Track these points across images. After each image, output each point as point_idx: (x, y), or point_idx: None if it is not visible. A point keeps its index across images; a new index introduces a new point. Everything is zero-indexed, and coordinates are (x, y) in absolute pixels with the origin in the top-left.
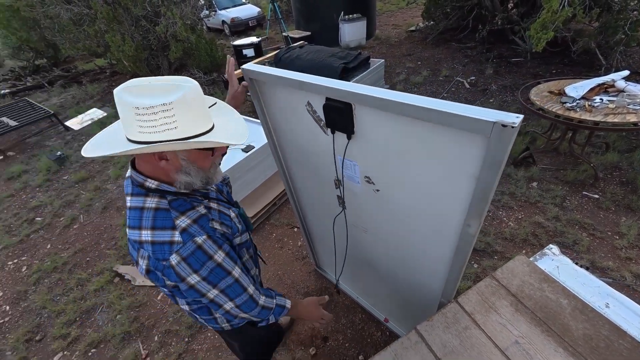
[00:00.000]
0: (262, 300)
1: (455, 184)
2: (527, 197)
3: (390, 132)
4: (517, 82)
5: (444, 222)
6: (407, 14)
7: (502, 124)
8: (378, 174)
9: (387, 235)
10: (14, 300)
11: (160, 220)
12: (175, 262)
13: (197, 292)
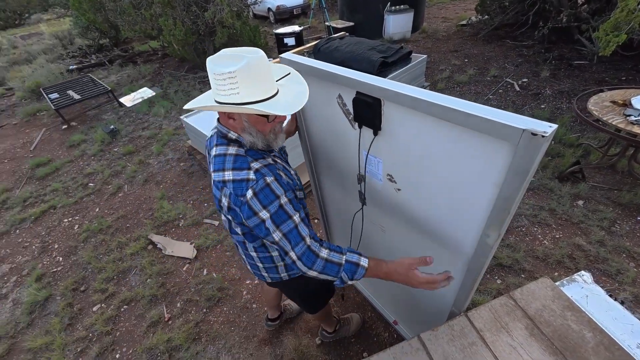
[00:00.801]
0: (325, 253)
1: (476, 191)
2: (569, 216)
3: (416, 132)
4: (577, 87)
5: (462, 230)
6: (459, 6)
7: (532, 132)
8: (400, 173)
9: (403, 237)
10: (66, 253)
11: (239, 163)
12: (249, 196)
13: (265, 230)
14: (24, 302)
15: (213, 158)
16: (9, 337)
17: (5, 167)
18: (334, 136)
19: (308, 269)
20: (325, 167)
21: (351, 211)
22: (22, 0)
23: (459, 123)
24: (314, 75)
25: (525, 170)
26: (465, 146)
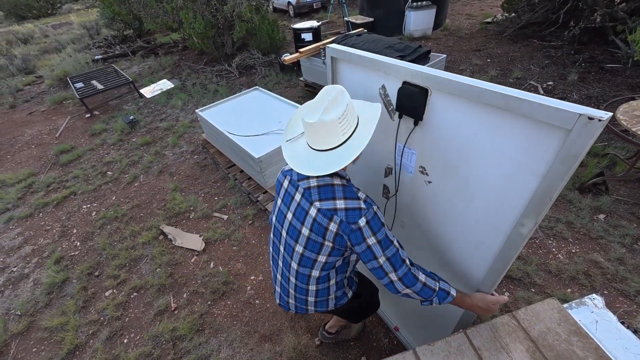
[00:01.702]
0: (423, 278)
1: (516, 181)
2: (587, 230)
3: (459, 122)
4: (607, 93)
5: (492, 223)
6: (485, 2)
7: (589, 117)
8: (435, 164)
9: (423, 234)
10: (83, 238)
11: (349, 193)
12: (362, 224)
13: (371, 254)
14: (44, 283)
15: (316, 189)
16: (28, 315)
17: (32, 152)
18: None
19: (406, 287)
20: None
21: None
22: None
23: (510, 109)
24: (360, 64)
25: (575, 154)
26: (509, 135)
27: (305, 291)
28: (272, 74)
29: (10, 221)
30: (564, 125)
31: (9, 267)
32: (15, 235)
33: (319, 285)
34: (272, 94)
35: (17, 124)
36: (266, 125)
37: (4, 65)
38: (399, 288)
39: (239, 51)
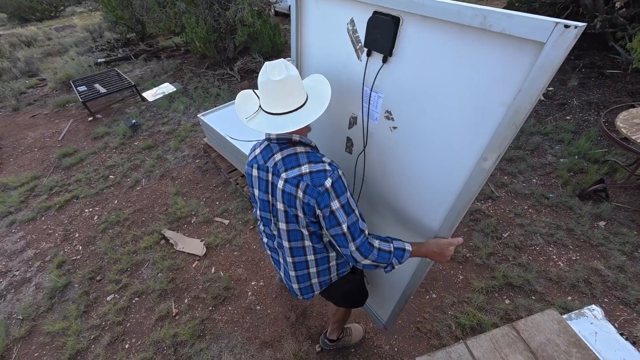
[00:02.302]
0: (377, 244)
1: (485, 113)
2: (588, 237)
3: (432, 53)
4: (607, 99)
5: (456, 161)
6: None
7: (565, 25)
8: (402, 107)
9: (385, 188)
10: (85, 242)
11: (313, 157)
12: (329, 184)
13: (335, 219)
14: (46, 287)
15: (282, 161)
16: (30, 320)
17: (35, 155)
18: (334, 71)
19: (364, 258)
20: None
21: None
22: None
23: (486, 26)
24: None
25: (547, 71)
26: (485, 59)
27: (305, 263)
28: None
29: (13, 225)
30: (540, 38)
31: (11, 271)
32: (17, 239)
33: (317, 255)
34: None
35: (20, 126)
36: None
37: (7, 68)
38: (358, 258)
39: (240, 55)
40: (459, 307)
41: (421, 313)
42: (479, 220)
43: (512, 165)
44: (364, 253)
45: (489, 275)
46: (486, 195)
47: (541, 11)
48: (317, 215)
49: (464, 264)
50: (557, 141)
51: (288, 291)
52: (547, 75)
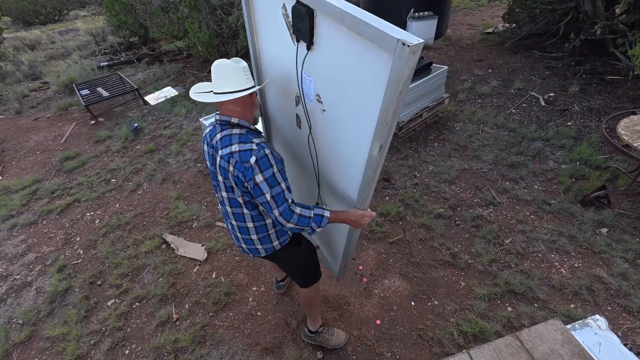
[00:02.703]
0: (298, 210)
1: (369, 105)
2: (590, 244)
3: (338, 45)
4: (609, 105)
5: (358, 147)
6: (486, 13)
7: (403, 42)
8: (326, 92)
9: (327, 160)
10: (86, 246)
11: (244, 138)
12: (253, 161)
13: (259, 189)
14: (46, 292)
15: (219, 140)
16: (30, 324)
17: (37, 158)
18: (278, 52)
19: (287, 222)
20: (272, 87)
21: (288, 134)
22: None
23: (360, 32)
24: None
25: (396, 80)
26: (364, 59)
27: (246, 229)
28: None
29: (14, 228)
30: (390, 50)
31: (12, 274)
32: (18, 243)
33: (256, 223)
34: None
35: (22, 129)
36: None
37: (10, 71)
38: (282, 222)
39: (242, 59)
40: (461, 315)
41: (423, 320)
42: (481, 227)
43: (513, 171)
44: (286, 218)
45: (491, 282)
46: (488, 201)
47: (542, 17)
48: (245, 186)
49: (466, 271)
50: (558, 147)
51: (289, 297)
52: (400, 82)
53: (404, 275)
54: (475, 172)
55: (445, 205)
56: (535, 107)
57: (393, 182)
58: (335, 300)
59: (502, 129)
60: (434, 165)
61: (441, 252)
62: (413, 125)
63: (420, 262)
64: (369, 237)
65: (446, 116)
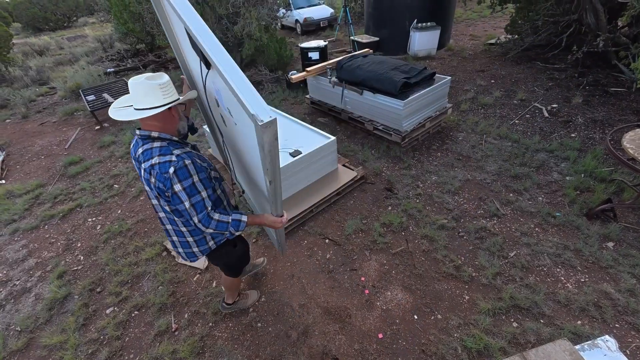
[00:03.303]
0: (217, 217)
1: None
2: (596, 259)
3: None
4: (612, 117)
5: (259, 169)
6: (488, 24)
7: (257, 118)
8: (232, 108)
9: (246, 171)
10: (87, 252)
11: (164, 150)
12: (172, 172)
13: (178, 199)
14: (45, 298)
15: (141, 154)
16: (28, 332)
17: (41, 163)
18: (196, 66)
19: (206, 228)
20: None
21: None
22: (72, 4)
23: (237, 96)
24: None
25: (261, 142)
26: (243, 112)
27: (182, 233)
28: (279, 90)
29: (16, 233)
30: (252, 118)
31: (11, 280)
32: (19, 248)
33: (189, 227)
34: (279, 112)
35: (28, 134)
36: None
37: (19, 76)
38: (201, 228)
39: (247, 67)
40: (465, 329)
41: (426, 334)
42: (485, 239)
43: (517, 182)
44: (205, 224)
45: (496, 296)
46: (491, 213)
47: (544, 29)
48: (167, 195)
49: (470, 284)
50: (562, 159)
51: (289, 308)
52: (264, 146)
53: (407, 287)
54: (478, 183)
55: (449, 216)
56: (538, 118)
57: (396, 192)
58: (336, 312)
59: (505, 140)
60: (437, 175)
61: (444, 264)
62: (416, 135)
63: (423, 274)
64: (371, 247)
65: (449, 126)
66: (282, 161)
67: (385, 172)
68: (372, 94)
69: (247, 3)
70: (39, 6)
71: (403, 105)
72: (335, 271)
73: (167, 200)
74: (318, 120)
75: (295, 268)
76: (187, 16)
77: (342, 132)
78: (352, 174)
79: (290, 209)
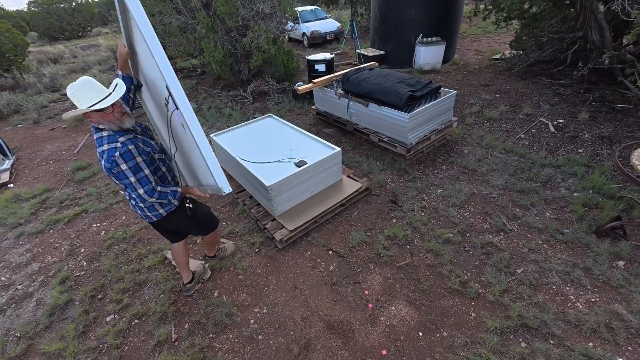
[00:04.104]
0: (159, 188)
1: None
2: (607, 278)
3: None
4: (620, 134)
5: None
6: (493, 39)
7: (222, 191)
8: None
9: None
10: (90, 258)
11: (111, 139)
12: (117, 155)
13: (124, 176)
14: (46, 304)
15: (95, 140)
16: (27, 338)
17: (50, 167)
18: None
19: (150, 197)
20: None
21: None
22: (87, 15)
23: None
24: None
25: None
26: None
27: (135, 200)
28: (285, 100)
29: (21, 237)
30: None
31: (14, 284)
32: (24, 252)
33: (136, 197)
34: (285, 121)
35: (38, 139)
36: (278, 153)
37: (32, 83)
38: (146, 197)
39: (254, 78)
40: (471, 348)
41: (431, 352)
42: (491, 254)
43: (524, 197)
44: (149, 194)
45: (503, 314)
46: (498, 228)
47: (549, 45)
48: (114, 172)
49: (476, 300)
50: (569, 174)
51: (291, 321)
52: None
53: (412, 302)
54: (484, 197)
55: (454, 230)
56: (544, 133)
57: (400, 205)
58: (339, 326)
59: (511, 154)
60: (442, 189)
61: (450, 279)
62: (421, 148)
63: (429, 290)
64: (376, 260)
65: (454, 139)
66: (288, 171)
67: (390, 184)
68: (378, 106)
69: (256, 16)
70: (56, 16)
71: (408, 118)
72: (338, 284)
73: (115, 176)
74: (323, 131)
75: (298, 279)
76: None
77: (347, 143)
78: (357, 185)
79: (294, 218)
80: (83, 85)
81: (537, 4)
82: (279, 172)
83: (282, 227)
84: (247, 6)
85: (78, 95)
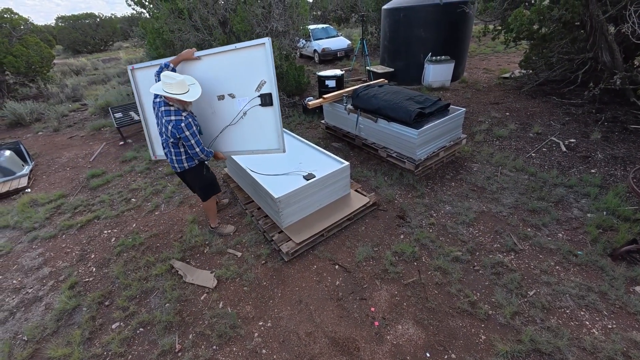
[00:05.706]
0: (207, 149)
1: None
2: (623, 303)
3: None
4: (634, 155)
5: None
6: (502, 59)
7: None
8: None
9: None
10: (99, 264)
11: (177, 114)
12: (182, 126)
13: (188, 139)
14: (55, 309)
15: (163, 112)
16: (34, 342)
17: (66, 174)
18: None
19: (203, 155)
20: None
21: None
22: (109, 30)
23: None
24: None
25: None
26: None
27: (172, 153)
28: (295, 114)
29: (34, 241)
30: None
31: (24, 287)
32: (36, 256)
33: (174, 150)
34: (295, 135)
35: (57, 146)
36: (287, 165)
37: (55, 92)
38: (200, 155)
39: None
40: None
41: None
42: (502, 274)
43: (535, 217)
44: (201, 151)
45: (514, 337)
46: (508, 247)
47: (559, 65)
48: (177, 137)
49: (486, 322)
50: (582, 195)
51: (295, 335)
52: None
53: (419, 322)
54: (494, 216)
55: (463, 249)
56: (555, 152)
57: (408, 220)
58: (344, 343)
59: (521, 173)
60: (450, 206)
61: (459, 299)
62: (430, 164)
63: (437, 309)
64: (382, 276)
65: (463, 156)
66: (296, 184)
67: (398, 199)
68: (387, 122)
69: (270, 34)
70: (81, 31)
71: (417, 134)
72: (344, 299)
73: (175, 140)
74: (332, 145)
75: (303, 293)
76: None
77: (356, 158)
78: (365, 200)
79: (301, 231)
80: (177, 79)
81: (547, 25)
82: (287, 184)
83: (289, 239)
84: (262, 24)
85: (168, 82)
